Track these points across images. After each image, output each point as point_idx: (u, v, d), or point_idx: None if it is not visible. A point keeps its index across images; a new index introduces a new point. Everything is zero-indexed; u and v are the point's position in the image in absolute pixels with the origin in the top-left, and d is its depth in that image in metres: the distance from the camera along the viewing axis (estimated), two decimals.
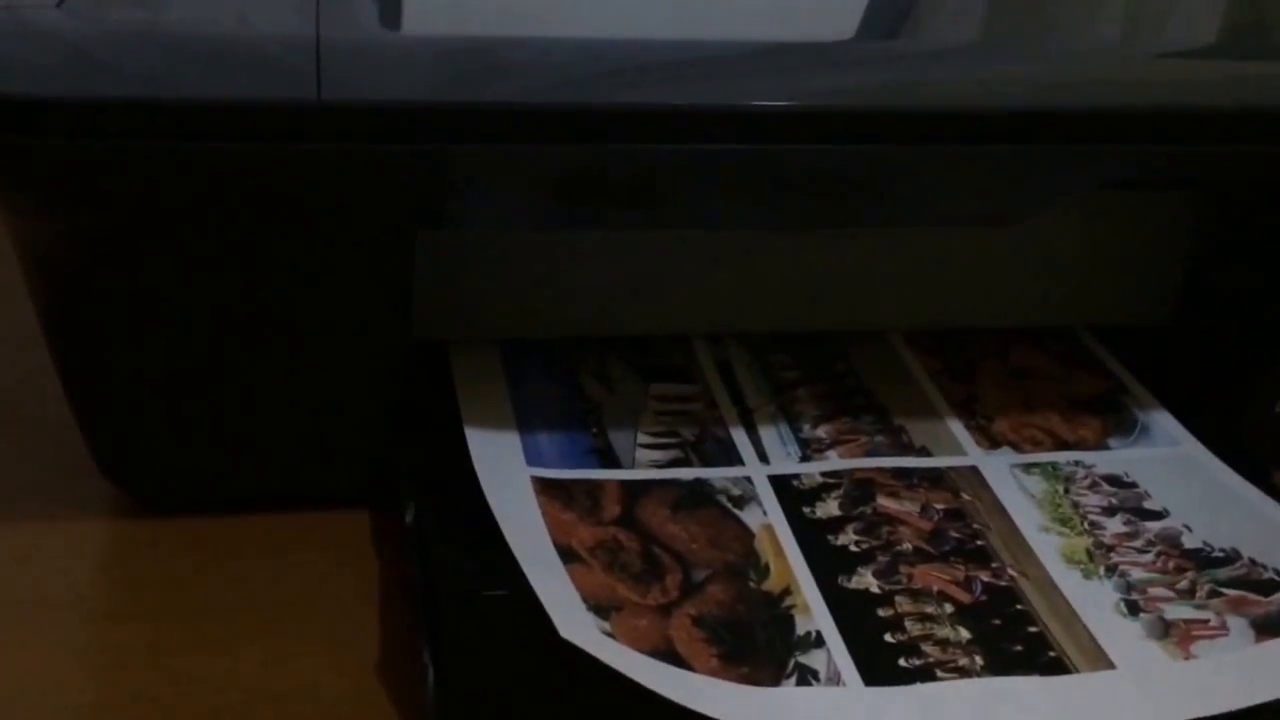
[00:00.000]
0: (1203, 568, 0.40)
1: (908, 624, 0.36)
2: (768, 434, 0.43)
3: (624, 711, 0.34)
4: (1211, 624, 0.38)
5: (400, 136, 0.35)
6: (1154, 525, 0.42)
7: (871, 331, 0.49)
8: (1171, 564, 0.40)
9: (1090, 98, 0.38)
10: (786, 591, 0.37)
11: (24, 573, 0.41)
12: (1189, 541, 0.41)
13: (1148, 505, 0.43)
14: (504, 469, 0.41)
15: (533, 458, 0.41)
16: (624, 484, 0.41)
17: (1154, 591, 0.39)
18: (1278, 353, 0.48)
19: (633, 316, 0.47)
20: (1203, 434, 0.45)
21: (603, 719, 0.34)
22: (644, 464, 0.42)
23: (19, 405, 0.47)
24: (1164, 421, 0.46)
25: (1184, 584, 0.39)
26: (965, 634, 0.36)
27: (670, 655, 0.35)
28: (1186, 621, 0.38)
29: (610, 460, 0.42)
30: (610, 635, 0.35)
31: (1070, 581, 0.39)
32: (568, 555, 0.37)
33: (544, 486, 0.40)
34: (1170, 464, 0.44)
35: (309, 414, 0.41)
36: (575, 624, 0.34)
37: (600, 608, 0.36)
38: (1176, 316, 0.50)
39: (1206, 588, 0.39)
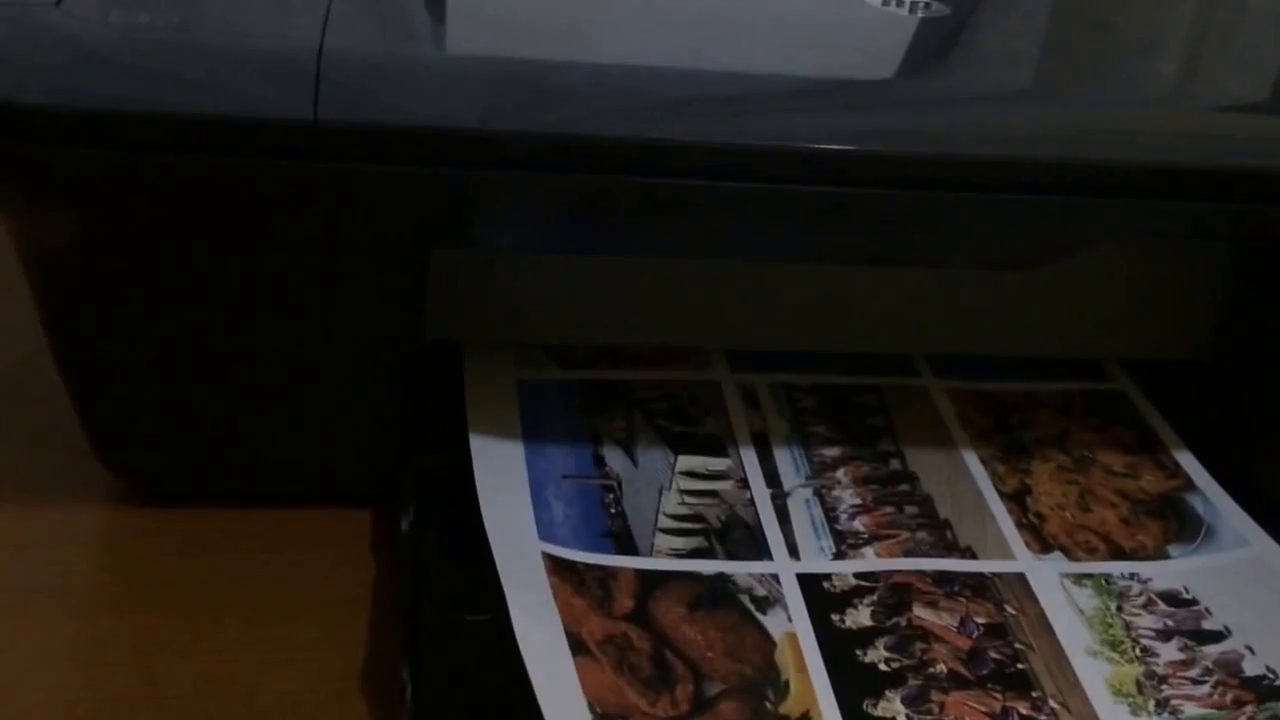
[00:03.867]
0: (1264, 698, 0.37)
1: None
2: (800, 523, 0.40)
3: None
4: None
5: (415, 160, 0.35)
6: (1213, 650, 0.38)
7: (918, 392, 0.47)
8: (1230, 696, 0.37)
9: (1118, 151, 0.38)
10: (806, 717, 0.34)
11: (17, 560, 0.40)
12: (1250, 668, 0.38)
13: (1206, 626, 0.39)
14: (516, 541, 0.38)
15: (545, 533, 0.39)
16: (640, 574, 0.38)
17: None
18: None
19: (650, 327, 0.46)
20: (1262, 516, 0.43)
21: None
22: (663, 551, 0.39)
23: (18, 388, 0.47)
24: (1232, 520, 0.43)
25: None
26: None
27: None
28: None
29: (627, 544, 0.39)
30: None
31: (1117, 718, 0.36)
32: (577, 646, 0.35)
33: (555, 566, 0.37)
34: (1235, 572, 0.41)
35: (312, 411, 0.41)
36: None
37: (607, 717, 0.33)
38: (1215, 352, 0.50)
39: None
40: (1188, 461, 0.45)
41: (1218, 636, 0.39)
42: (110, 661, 0.37)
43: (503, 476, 0.40)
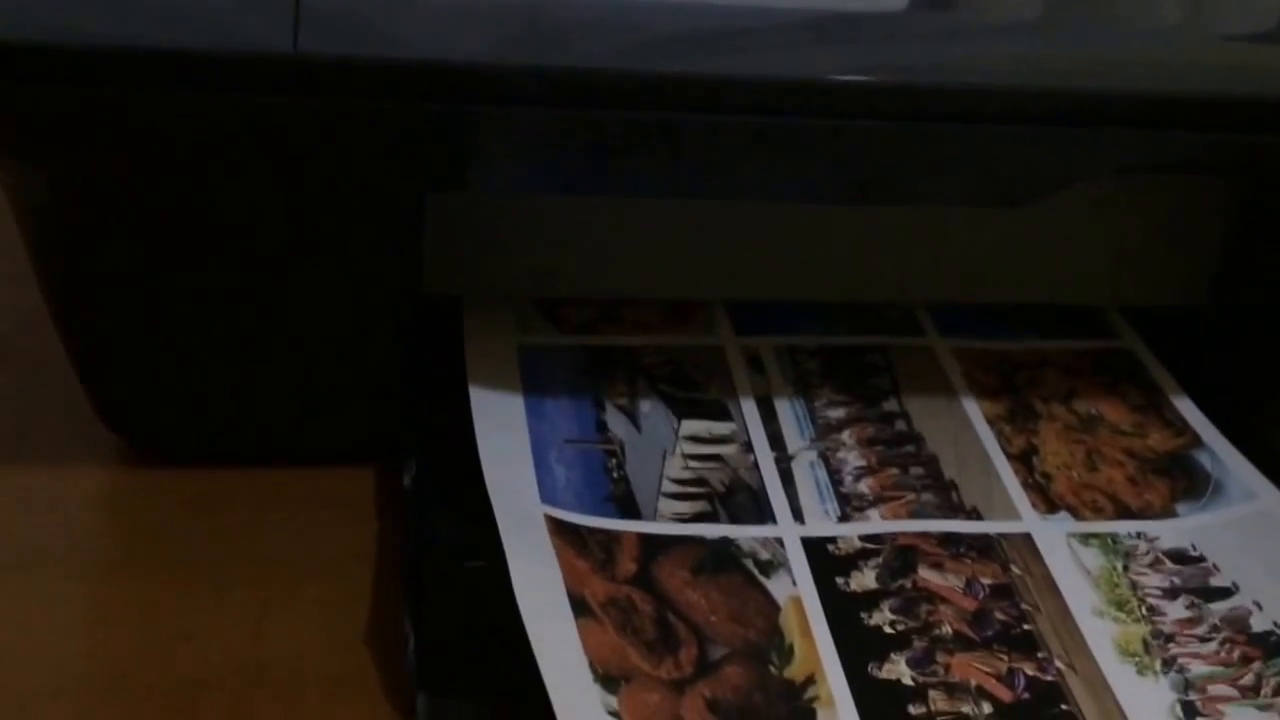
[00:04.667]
0: (1271, 656, 0.37)
1: None
2: (805, 486, 0.40)
3: None
4: None
5: (404, 96, 0.34)
6: (1220, 607, 0.38)
7: (924, 352, 0.46)
8: (1237, 653, 0.37)
9: (1103, 81, 0.37)
10: (810, 680, 0.34)
11: (20, 521, 0.40)
12: (1258, 623, 0.38)
13: (1214, 583, 0.39)
14: (518, 503, 0.38)
15: (547, 496, 0.38)
16: (642, 538, 0.38)
17: (1215, 689, 0.36)
18: None
19: (651, 277, 0.46)
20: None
21: None
22: (666, 515, 0.39)
23: (19, 349, 0.46)
24: (1240, 473, 0.43)
25: (1249, 678, 0.36)
26: None
27: None
28: None
29: (629, 509, 0.39)
30: (616, 715, 0.32)
31: (1123, 678, 0.35)
32: (580, 607, 0.35)
33: (558, 528, 0.37)
34: (1243, 527, 0.41)
35: (313, 366, 0.41)
36: (579, 708, 0.31)
37: (609, 678, 0.33)
38: (1213, 298, 0.50)
39: (1274, 682, 0.36)
40: (1195, 418, 0.45)
41: (1225, 593, 0.39)
42: (115, 620, 0.38)
43: (505, 440, 0.40)
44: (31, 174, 0.37)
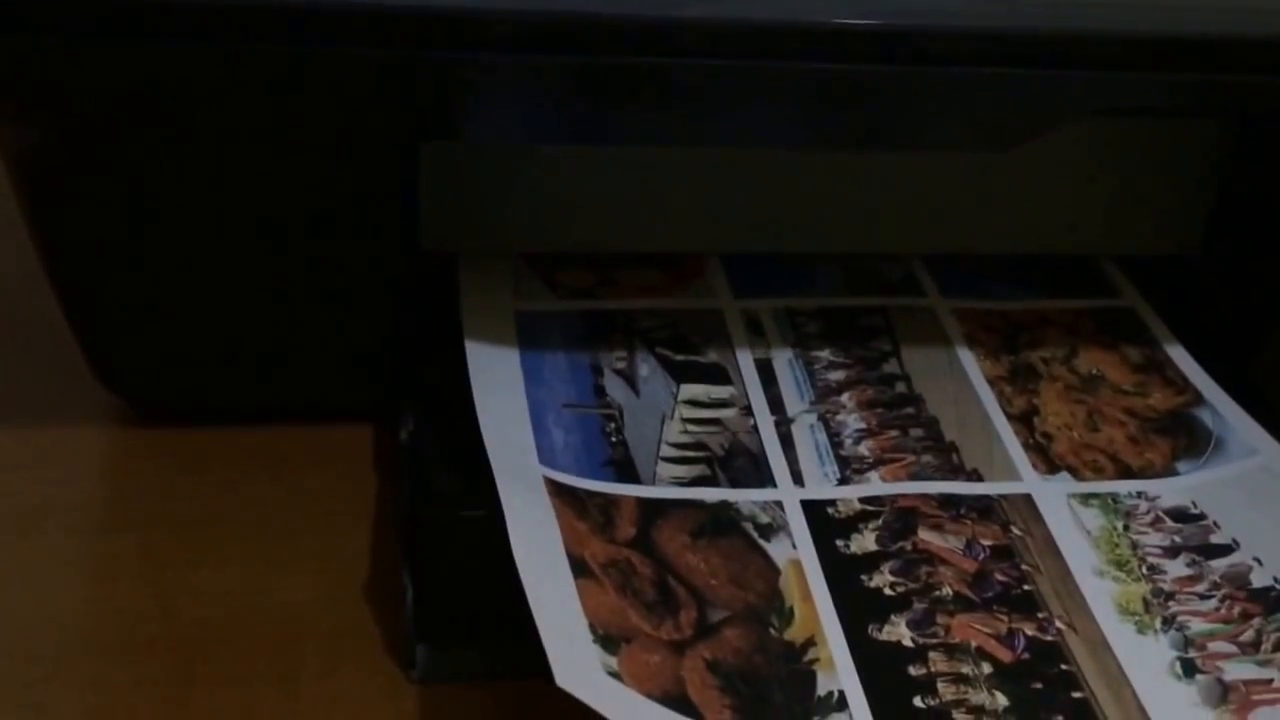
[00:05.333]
0: (1270, 611, 0.37)
1: (940, 686, 0.33)
2: (804, 449, 0.40)
3: None
4: (1275, 684, 0.35)
5: (397, 43, 0.34)
6: (1220, 564, 0.38)
7: (925, 313, 0.46)
8: (1237, 609, 0.37)
9: (1086, 22, 0.37)
10: (810, 642, 0.34)
11: (18, 479, 0.41)
12: (1258, 579, 0.38)
13: (1214, 540, 0.39)
14: (517, 464, 0.38)
15: (546, 459, 0.38)
16: (641, 502, 0.38)
17: (1214, 646, 0.36)
18: None
19: (647, 231, 0.47)
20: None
21: None
22: (665, 480, 0.39)
23: (15, 308, 0.47)
24: (1241, 429, 0.43)
25: (1249, 634, 0.36)
26: (1003, 700, 0.33)
27: (681, 701, 0.32)
28: (1247, 683, 0.35)
29: (628, 473, 0.38)
30: (616, 675, 0.32)
31: (1123, 637, 0.35)
32: (579, 568, 0.35)
33: (557, 489, 0.37)
34: (1244, 483, 0.41)
35: (309, 324, 0.41)
36: (574, 666, 0.31)
37: (609, 639, 0.33)
38: (1205, 246, 0.50)
39: (1273, 637, 0.36)
40: (1197, 375, 0.45)
41: (1225, 550, 0.39)
42: (116, 575, 0.38)
43: (502, 401, 0.40)
44: (26, 129, 0.37)
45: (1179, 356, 0.46)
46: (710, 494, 0.38)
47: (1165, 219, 0.50)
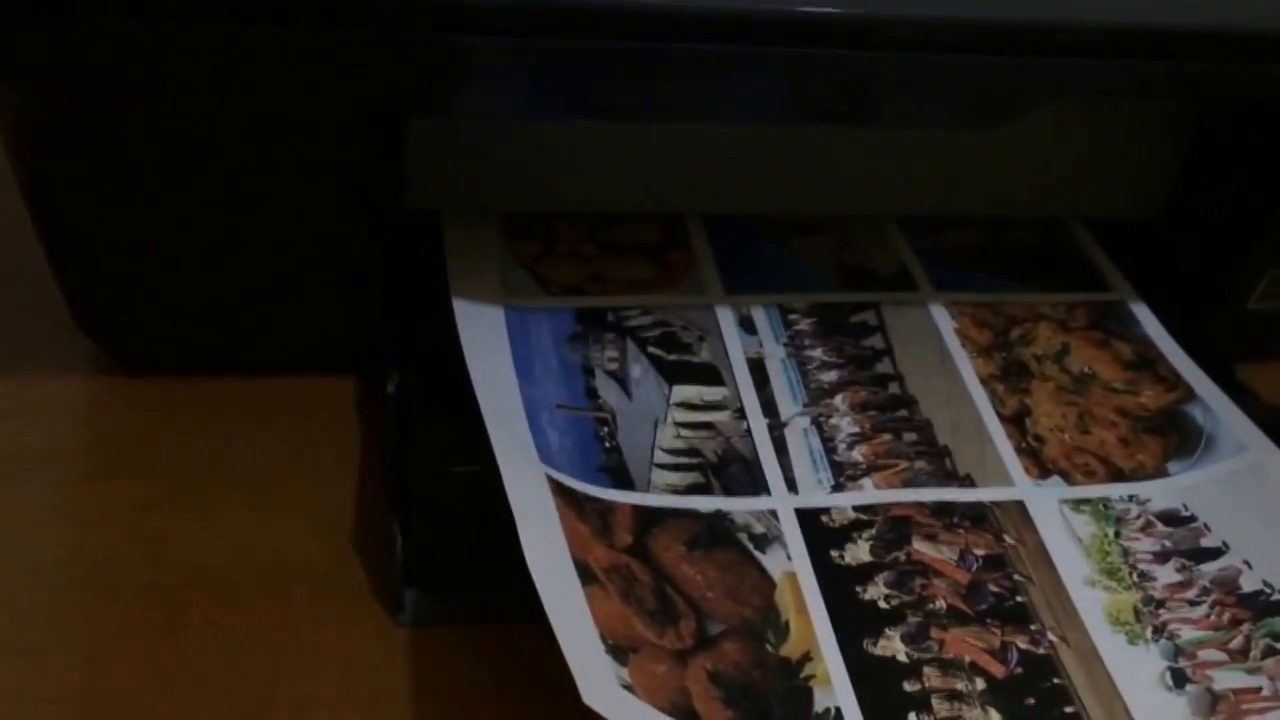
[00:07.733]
0: (1260, 616, 0.37)
1: (934, 703, 0.34)
2: (798, 454, 0.40)
3: None
4: (1264, 693, 0.35)
5: (387, 24, 0.34)
6: (1210, 568, 0.38)
7: (917, 308, 0.46)
8: (1226, 615, 0.37)
9: (1066, 14, 0.38)
10: (806, 658, 0.34)
11: (8, 430, 0.41)
12: (1247, 583, 0.38)
13: (1205, 543, 0.39)
14: (521, 461, 0.37)
15: (544, 458, 0.38)
16: (637, 510, 0.37)
17: (1204, 655, 0.36)
18: (1256, 250, 0.47)
19: (628, 191, 0.47)
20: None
21: None
22: (660, 487, 0.38)
23: (2, 259, 0.46)
24: (1231, 424, 0.43)
25: (1238, 641, 0.37)
26: (996, 717, 0.33)
27: (689, 714, 0.32)
28: (1236, 693, 0.35)
29: (623, 480, 0.38)
30: (629, 687, 0.32)
31: (1114, 648, 0.36)
32: (585, 575, 0.34)
33: (559, 489, 0.37)
34: (1234, 482, 0.41)
35: (293, 277, 0.41)
36: (597, 681, 0.31)
37: (618, 649, 0.33)
38: (1168, 211, 0.51)
39: (1262, 644, 0.36)
40: (1188, 370, 0.45)
41: (1215, 553, 0.39)
42: (104, 523, 0.38)
43: (497, 400, 0.39)
44: (12, 92, 0.37)
45: (1170, 351, 0.46)
46: (705, 503, 0.38)
47: (1129, 184, 0.51)
